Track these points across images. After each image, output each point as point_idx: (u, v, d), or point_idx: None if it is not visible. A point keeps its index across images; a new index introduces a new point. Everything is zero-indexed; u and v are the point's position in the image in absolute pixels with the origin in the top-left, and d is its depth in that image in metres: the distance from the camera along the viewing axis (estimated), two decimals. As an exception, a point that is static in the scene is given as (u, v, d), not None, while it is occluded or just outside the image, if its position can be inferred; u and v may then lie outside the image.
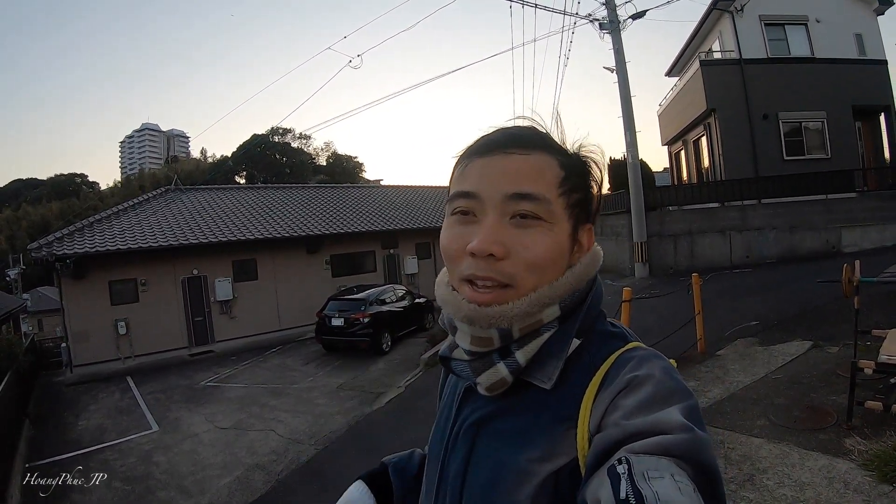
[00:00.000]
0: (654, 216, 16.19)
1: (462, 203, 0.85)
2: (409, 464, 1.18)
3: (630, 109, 15.93)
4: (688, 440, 0.63)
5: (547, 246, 0.82)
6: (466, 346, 0.86)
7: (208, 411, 11.01)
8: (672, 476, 0.58)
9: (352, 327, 14.24)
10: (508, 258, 0.81)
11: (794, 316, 8.75)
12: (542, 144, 0.87)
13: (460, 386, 0.96)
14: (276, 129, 59.07)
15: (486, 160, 0.85)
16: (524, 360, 0.83)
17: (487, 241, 0.80)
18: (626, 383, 0.75)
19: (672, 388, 0.73)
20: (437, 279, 0.95)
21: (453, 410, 0.95)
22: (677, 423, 0.65)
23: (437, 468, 0.94)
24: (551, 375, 0.81)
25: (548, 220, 0.82)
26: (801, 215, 15.56)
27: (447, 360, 0.93)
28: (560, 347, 0.83)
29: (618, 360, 0.81)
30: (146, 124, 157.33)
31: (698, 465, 0.62)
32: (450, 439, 0.93)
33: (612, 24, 15.57)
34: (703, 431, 0.66)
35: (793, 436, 4.55)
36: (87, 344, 15.86)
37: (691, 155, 22.40)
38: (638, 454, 0.62)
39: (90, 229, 16.95)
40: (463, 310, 0.83)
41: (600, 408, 0.75)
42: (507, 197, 0.82)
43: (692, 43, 21.92)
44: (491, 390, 0.85)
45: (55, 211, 54.19)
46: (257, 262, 19.09)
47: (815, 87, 17.71)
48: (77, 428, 10.97)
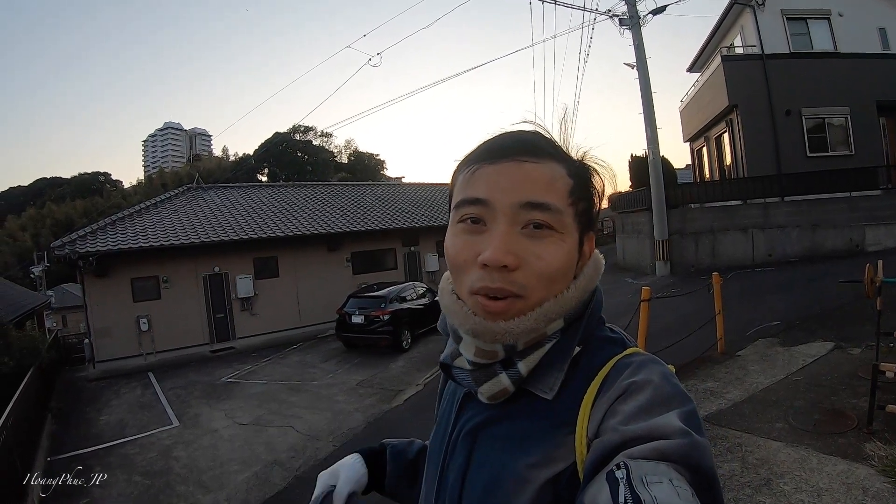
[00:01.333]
0: (675, 214, 16.06)
1: (471, 210, 0.83)
2: (407, 449, 1.21)
3: (651, 106, 15.83)
4: (686, 445, 0.64)
5: (559, 257, 0.81)
6: (471, 356, 0.85)
7: (228, 407, 11.08)
8: (670, 481, 0.59)
9: (372, 325, 14.26)
10: (521, 269, 0.79)
11: (816, 316, 8.65)
12: (551, 152, 0.85)
13: (459, 391, 0.96)
14: (298, 127, 59.28)
15: (497, 167, 0.83)
16: (526, 370, 0.83)
17: (501, 251, 0.78)
18: (624, 388, 0.75)
19: (670, 392, 0.73)
20: (441, 285, 0.94)
21: (452, 416, 0.95)
22: (675, 428, 0.66)
23: (437, 473, 0.94)
24: (553, 386, 0.81)
25: (559, 230, 0.81)
26: (824, 213, 15.35)
27: (448, 367, 0.92)
28: (562, 358, 0.83)
29: (616, 365, 0.81)
30: (169, 123, 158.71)
31: (697, 469, 0.62)
32: (449, 444, 0.93)
33: (631, 20, 15.48)
34: (702, 436, 0.67)
35: (812, 439, 4.50)
36: (109, 340, 16.05)
37: (713, 152, 22.17)
38: (636, 459, 0.62)
39: (113, 227, 17.13)
40: (468, 323, 0.83)
41: (598, 413, 0.75)
42: (520, 206, 0.80)
43: (713, 38, 21.66)
44: (492, 399, 0.85)
45: (79, 209, 54.50)
46: (278, 260, 19.18)
47: (839, 82, 17.40)
48: (99, 423, 11.09)
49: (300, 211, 21.32)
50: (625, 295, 12.88)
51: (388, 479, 1.17)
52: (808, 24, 18.15)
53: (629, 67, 16.13)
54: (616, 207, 21.80)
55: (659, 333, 7.58)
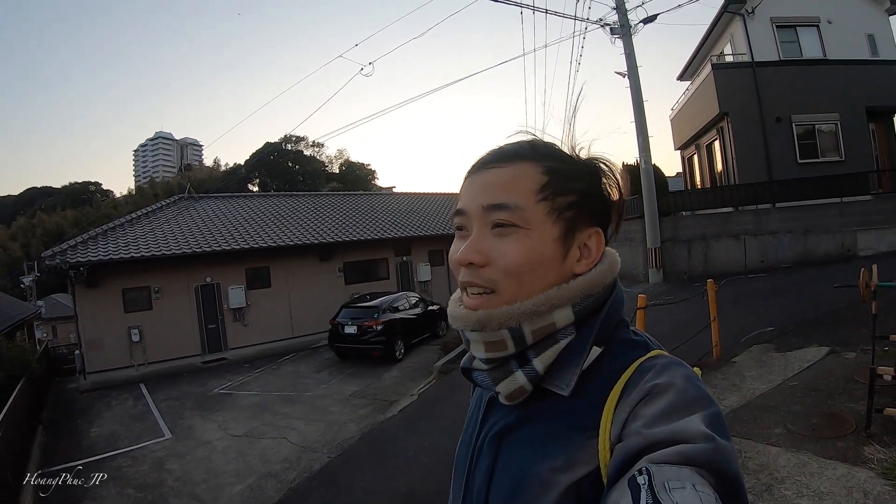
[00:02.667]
0: (667, 221, 16.08)
1: (457, 220, 0.91)
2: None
3: (642, 114, 15.87)
4: (710, 449, 0.63)
5: (522, 251, 0.83)
6: (482, 354, 0.87)
7: (221, 419, 11.05)
8: (693, 486, 0.58)
9: (365, 335, 14.28)
10: (489, 265, 0.84)
11: (811, 321, 8.66)
12: (524, 155, 0.89)
13: (485, 396, 0.97)
14: (289, 137, 59.47)
15: (472, 178, 0.90)
16: (542, 367, 0.83)
17: (465, 251, 0.85)
18: (646, 392, 0.75)
19: (694, 396, 0.73)
20: (452, 297, 0.97)
21: (478, 421, 0.96)
22: (699, 432, 0.65)
23: (464, 479, 0.95)
24: (569, 382, 0.82)
25: (523, 226, 0.84)
26: (816, 219, 15.40)
27: (468, 371, 0.94)
28: (578, 354, 0.84)
29: (639, 368, 0.81)
30: (160, 133, 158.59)
31: (721, 474, 0.62)
32: (475, 450, 0.94)
33: (623, 29, 15.53)
34: (727, 440, 0.66)
35: (811, 444, 4.49)
36: (100, 351, 15.99)
37: (704, 159, 22.27)
38: (659, 464, 0.62)
39: (104, 237, 17.12)
40: (467, 318, 0.86)
41: (621, 416, 0.75)
42: (484, 209, 0.86)
43: (704, 46, 21.82)
44: (511, 399, 0.86)
45: (69, 219, 54.58)
46: (270, 270, 19.19)
47: (828, 88, 17.52)
48: (90, 434, 11.05)
49: (292, 221, 21.35)
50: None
51: None
52: (797, 31, 18.28)
53: (620, 76, 16.21)
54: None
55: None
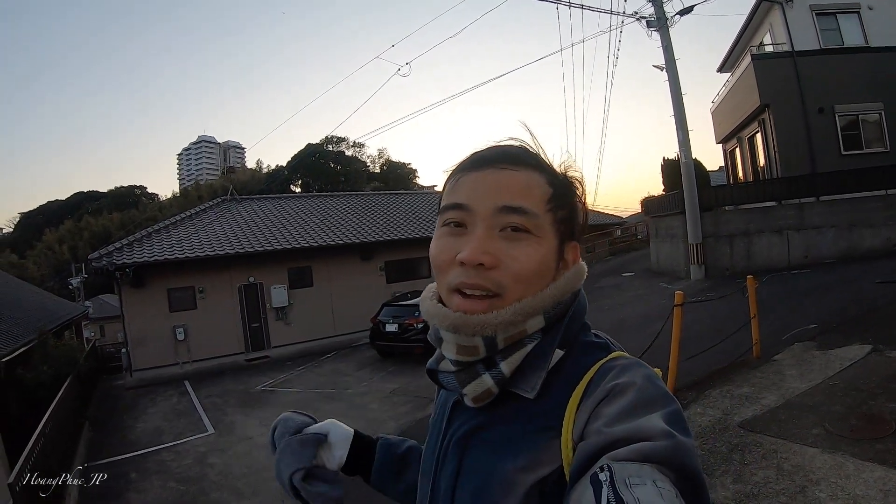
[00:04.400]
0: (709, 217, 15.83)
1: (453, 215, 0.89)
2: (398, 444, 1.22)
3: (681, 107, 15.71)
4: (670, 446, 0.64)
5: (535, 258, 0.85)
6: (452, 355, 0.88)
7: (263, 415, 11.24)
8: (654, 482, 0.59)
9: (406, 333, 14.33)
10: (498, 268, 0.83)
11: (854, 318, 8.46)
12: (531, 162, 0.90)
13: (450, 400, 0.98)
14: (330, 138, 59.57)
15: (479, 174, 0.89)
16: (508, 370, 0.85)
17: (478, 250, 0.83)
18: (607, 391, 0.77)
19: (653, 394, 0.75)
20: (423, 295, 0.98)
21: (443, 424, 0.97)
22: (659, 430, 0.67)
23: (430, 482, 0.96)
24: (534, 385, 0.84)
25: (536, 233, 0.86)
26: (860, 212, 14.98)
27: (434, 372, 0.94)
28: (542, 357, 0.86)
29: (600, 369, 0.83)
30: (203, 136, 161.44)
31: (681, 470, 0.63)
32: (441, 452, 0.95)
33: (659, 22, 15.36)
34: (687, 437, 0.68)
35: (849, 445, 4.43)
36: (146, 349, 16.49)
37: (746, 152, 21.81)
38: (620, 461, 0.63)
39: (149, 239, 17.58)
40: (449, 318, 0.85)
41: (583, 416, 0.77)
42: (497, 209, 0.85)
43: (742, 37, 21.32)
44: (477, 401, 0.87)
45: (116, 222, 55.50)
46: (312, 270, 19.45)
47: (871, 77, 16.98)
48: (135, 430, 11.37)
49: (334, 221, 21.57)
50: (659, 300, 12.79)
51: (375, 467, 1.19)
52: (837, 18, 17.72)
53: (658, 69, 16.03)
54: (649, 211, 21.60)
55: (694, 338, 7.53)
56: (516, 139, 0.96)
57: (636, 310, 13.16)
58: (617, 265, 24.97)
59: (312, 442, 1.11)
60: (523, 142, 0.96)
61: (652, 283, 16.95)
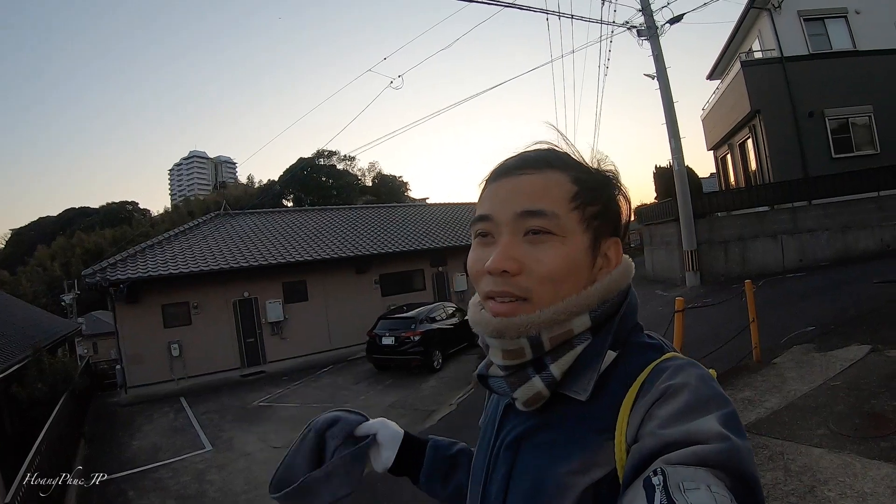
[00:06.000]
0: (703, 223, 15.92)
1: (480, 226, 0.90)
2: (449, 446, 1.22)
3: (673, 115, 15.78)
4: (725, 449, 0.63)
5: (559, 258, 0.84)
6: (499, 360, 0.87)
7: (261, 430, 11.19)
8: (708, 487, 0.58)
9: (402, 346, 14.29)
10: (523, 273, 0.83)
11: (852, 319, 8.49)
12: (552, 163, 0.89)
13: (501, 404, 0.98)
14: (322, 152, 59.60)
15: (498, 183, 0.90)
16: (559, 372, 0.84)
17: (499, 258, 0.83)
18: (661, 392, 0.76)
19: (708, 395, 0.73)
20: (471, 301, 0.98)
21: (495, 428, 0.97)
22: (714, 432, 0.65)
23: (481, 486, 0.96)
24: (587, 387, 0.82)
25: (559, 234, 0.84)
26: (854, 214, 15.12)
27: (484, 378, 0.94)
28: (594, 359, 0.85)
29: (654, 370, 0.82)
30: (194, 152, 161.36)
31: (736, 474, 0.62)
32: (492, 457, 0.94)
33: (649, 30, 15.45)
34: (743, 440, 0.66)
35: (854, 444, 4.42)
36: (141, 366, 16.36)
37: (738, 158, 21.97)
38: (674, 465, 0.62)
39: (142, 255, 17.50)
40: (491, 324, 0.86)
41: (637, 418, 0.76)
42: (517, 215, 0.85)
43: (732, 44, 21.55)
44: (528, 405, 0.86)
45: (108, 238, 55.25)
46: (307, 284, 19.39)
47: (860, 80, 17.17)
48: (131, 447, 11.27)
49: (327, 235, 21.56)
50: (656, 307, 12.79)
51: (424, 469, 1.19)
52: (825, 23, 17.95)
53: (649, 78, 16.11)
54: (643, 220, 21.67)
55: (693, 344, 7.51)
56: (544, 142, 0.96)
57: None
58: (611, 274, 24.94)
59: (364, 456, 1.15)
60: (550, 144, 0.95)
61: (648, 291, 16.95)
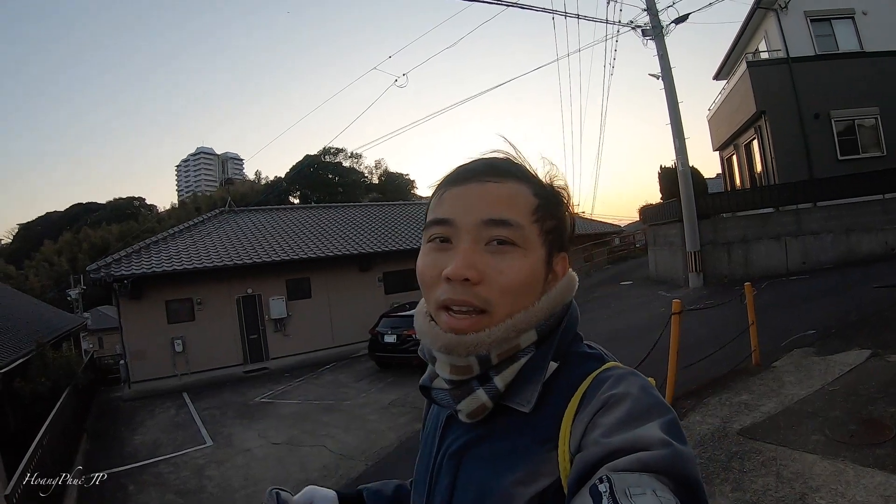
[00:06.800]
0: (706, 224, 15.83)
1: (438, 230, 0.87)
2: (383, 489, 1.19)
3: (678, 115, 15.72)
4: (668, 455, 0.64)
5: (522, 271, 0.84)
6: (446, 375, 0.87)
7: (262, 427, 11.24)
8: (654, 491, 0.59)
9: (405, 344, 14.28)
10: (483, 283, 0.82)
11: (853, 323, 8.42)
12: (516, 173, 0.89)
13: (442, 415, 0.98)
14: (328, 149, 59.85)
15: (462, 188, 0.87)
16: (503, 385, 0.84)
17: (462, 265, 0.81)
18: (603, 402, 0.76)
19: (650, 403, 0.74)
20: (416, 309, 0.96)
21: (436, 439, 0.96)
22: (657, 439, 0.66)
23: (423, 498, 0.95)
24: (530, 399, 0.83)
25: (522, 245, 0.84)
26: (858, 217, 15.00)
27: (427, 389, 0.93)
28: (537, 371, 0.85)
29: (595, 380, 0.82)
30: (201, 148, 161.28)
31: (680, 479, 0.63)
32: (434, 468, 0.94)
33: (654, 30, 15.39)
34: (684, 445, 0.67)
35: (848, 451, 4.40)
36: (144, 361, 16.44)
37: (743, 159, 21.86)
38: (619, 472, 0.63)
39: (147, 251, 17.59)
40: (441, 339, 0.84)
41: (580, 427, 0.76)
42: (482, 223, 0.84)
43: (738, 44, 21.44)
44: (472, 417, 0.86)
45: (114, 233, 55.48)
46: (311, 281, 19.43)
47: (867, 82, 17.04)
48: (133, 442, 11.34)
49: (332, 232, 21.59)
50: (658, 308, 12.75)
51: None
52: (832, 24, 17.81)
53: (654, 78, 16.06)
54: (647, 220, 21.63)
55: (692, 346, 7.49)
56: (500, 151, 0.95)
57: (636, 318, 13.12)
58: (615, 274, 25.02)
59: None
60: (507, 154, 0.95)
61: (651, 292, 16.93)
